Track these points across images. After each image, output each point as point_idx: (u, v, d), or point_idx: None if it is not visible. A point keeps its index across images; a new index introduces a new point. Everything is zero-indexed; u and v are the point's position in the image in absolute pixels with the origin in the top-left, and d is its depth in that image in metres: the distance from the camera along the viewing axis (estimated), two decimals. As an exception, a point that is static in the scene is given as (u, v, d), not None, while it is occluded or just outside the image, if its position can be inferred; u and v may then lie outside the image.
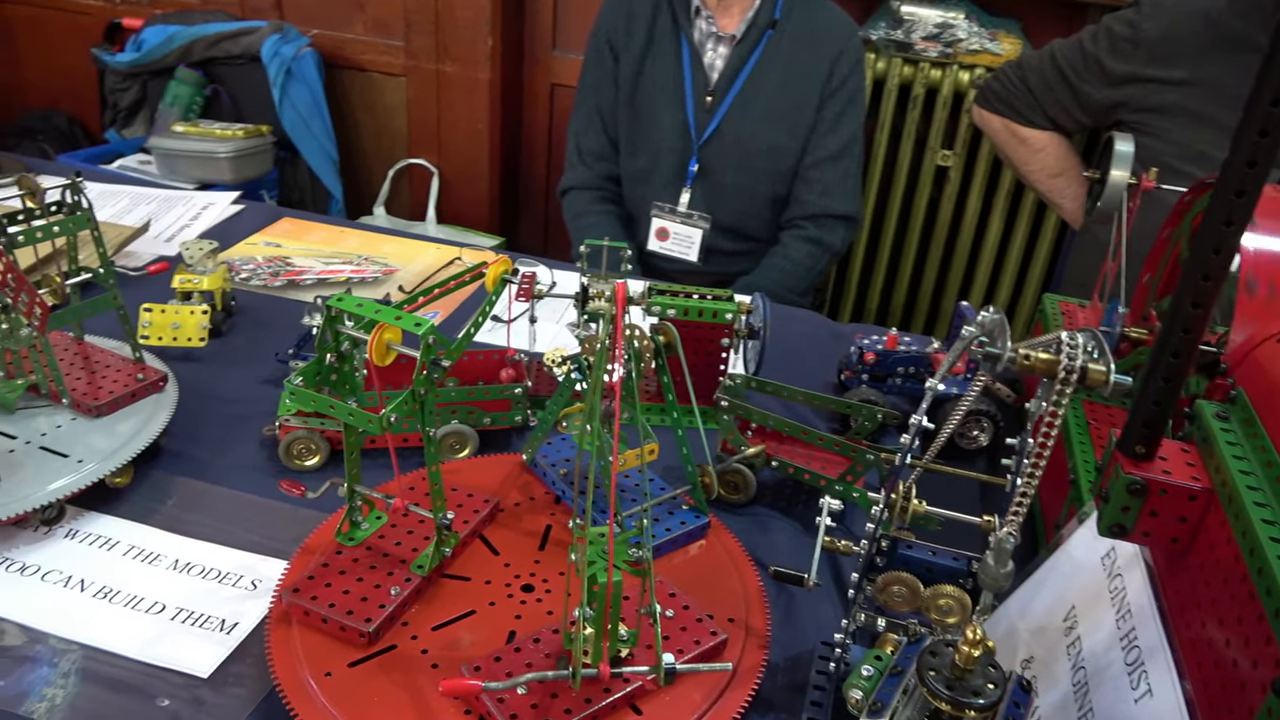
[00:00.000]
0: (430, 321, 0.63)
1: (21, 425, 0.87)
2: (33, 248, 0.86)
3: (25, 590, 0.74)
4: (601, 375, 0.58)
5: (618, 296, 0.55)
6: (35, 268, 1.05)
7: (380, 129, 2.61)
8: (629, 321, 0.91)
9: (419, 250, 1.41)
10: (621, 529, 0.76)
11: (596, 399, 0.58)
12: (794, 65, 1.65)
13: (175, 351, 1.05)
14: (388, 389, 0.90)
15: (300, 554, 0.75)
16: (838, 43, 1.65)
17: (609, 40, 1.72)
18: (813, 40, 1.66)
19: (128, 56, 2.44)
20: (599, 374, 0.58)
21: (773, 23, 1.64)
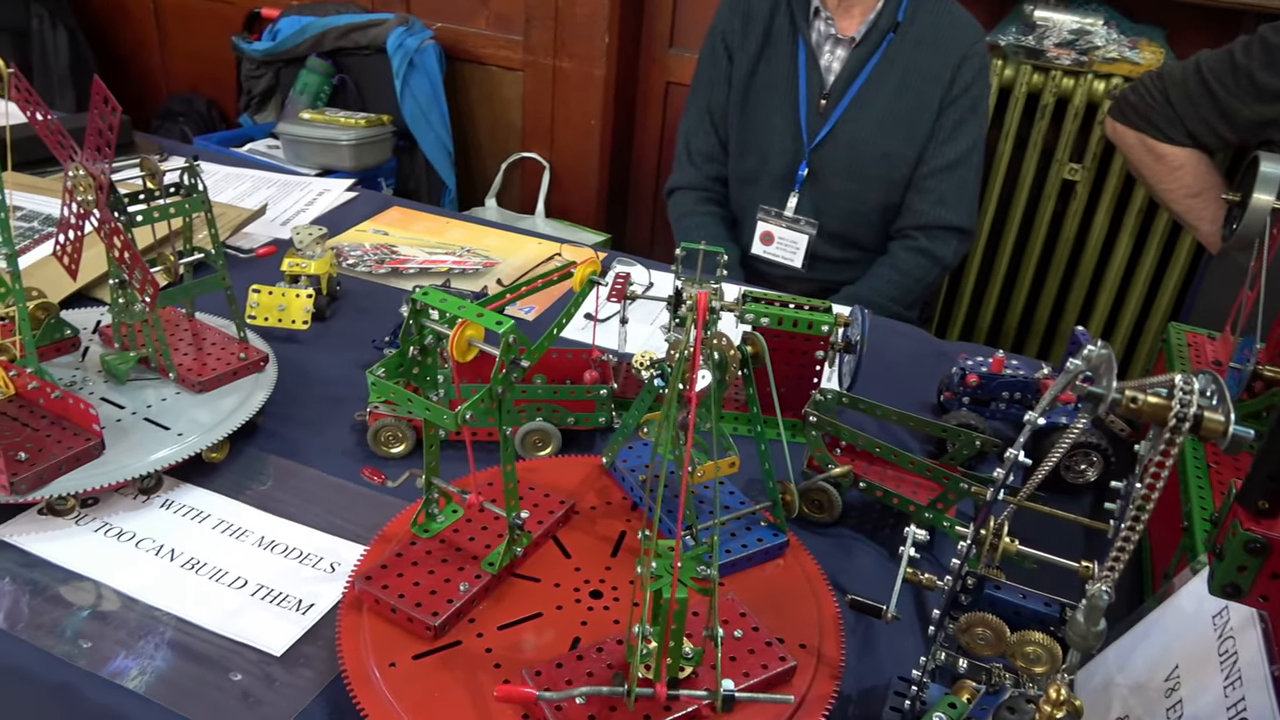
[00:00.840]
0: (511, 320, 0.63)
1: (130, 396, 0.91)
2: (151, 227, 0.89)
3: (121, 556, 0.77)
4: (679, 383, 0.56)
5: (699, 306, 0.53)
6: (154, 246, 1.10)
7: (496, 122, 2.66)
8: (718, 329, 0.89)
9: (520, 244, 1.42)
10: (695, 543, 0.75)
11: (673, 408, 0.56)
12: (914, 70, 1.59)
13: (279, 332, 1.08)
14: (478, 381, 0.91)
15: (377, 541, 0.76)
16: (962, 47, 1.59)
17: (725, 39, 1.69)
18: (936, 44, 1.60)
19: (264, 45, 2.55)
20: (676, 382, 0.56)
21: (895, 25, 1.59)
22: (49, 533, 0.79)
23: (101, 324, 1.02)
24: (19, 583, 0.74)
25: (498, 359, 0.63)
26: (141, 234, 0.93)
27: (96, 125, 0.79)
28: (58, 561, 0.76)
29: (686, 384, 0.57)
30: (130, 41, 3.13)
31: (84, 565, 0.76)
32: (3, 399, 0.85)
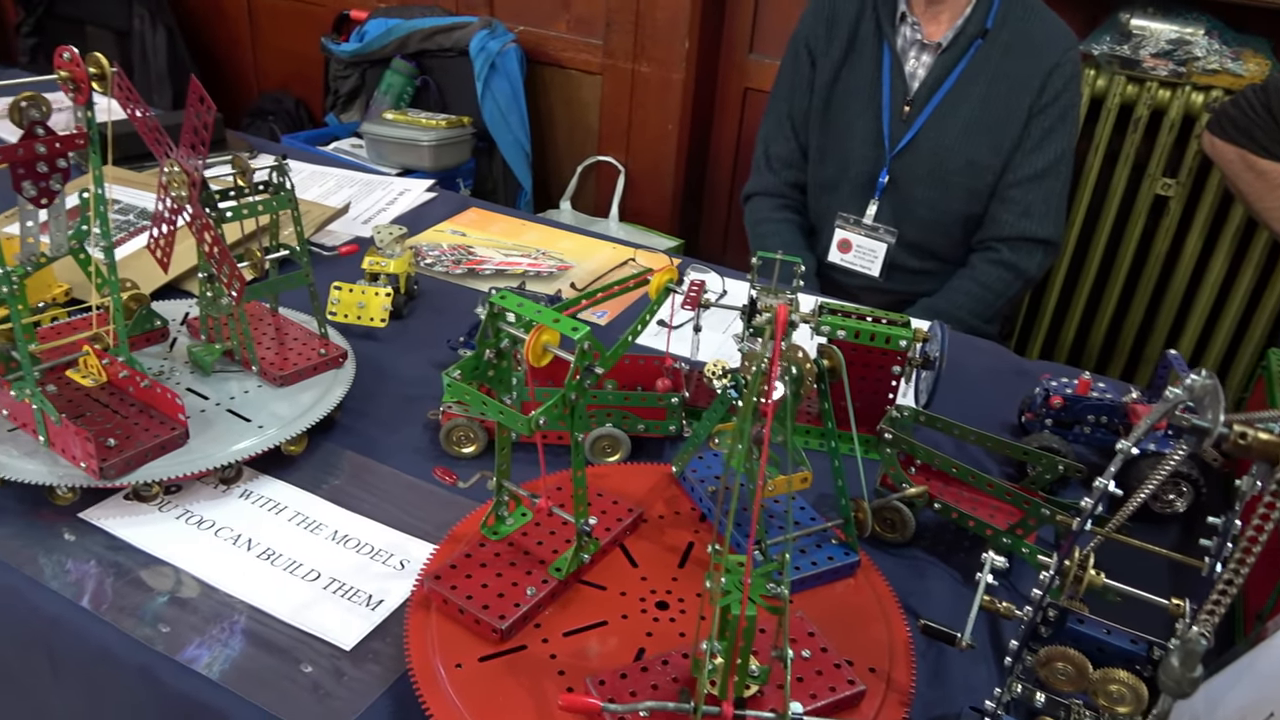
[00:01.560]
0: (586, 327, 0.63)
1: (215, 387, 0.93)
2: (240, 223, 0.92)
3: (201, 543, 0.79)
4: (755, 396, 0.55)
5: (778, 320, 0.52)
6: (240, 242, 1.13)
7: (573, 125, 2.67)
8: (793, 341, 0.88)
9: (595, 248, 1.43)
10: (764, 559, 0.73)
11: (748, 422, 0.55)
12: (1002, 77, 1.55)
13: (358, 329, 1.10)
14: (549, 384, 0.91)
15: (447, 541, 0.77)
16: (1053, 55, 1.54)
17: (808, 45, 1.68)
18: (1026, 51, 1.55)
19: (351, 46, 2.61)
20: (752, 395, 0.55)
21: (984, 32, 1.55)
22: (133, 517, 0.81)
23: (189, 316, 1.05)
24: (104, 565, 0.77)
25: (572, 365, 0.63)
26: (229, 229, 0.96)
27: (192, 123, 0.82)
28: (141, 546, 0.78)
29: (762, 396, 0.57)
30: (225, 41, 3.23)
31: (165, 551, 0.78)
32: (95, 386, 0.88)
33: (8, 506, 0.81)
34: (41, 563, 0.76)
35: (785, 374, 0.68)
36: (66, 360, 0.89)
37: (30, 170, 0.73)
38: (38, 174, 0.74)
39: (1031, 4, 1.57)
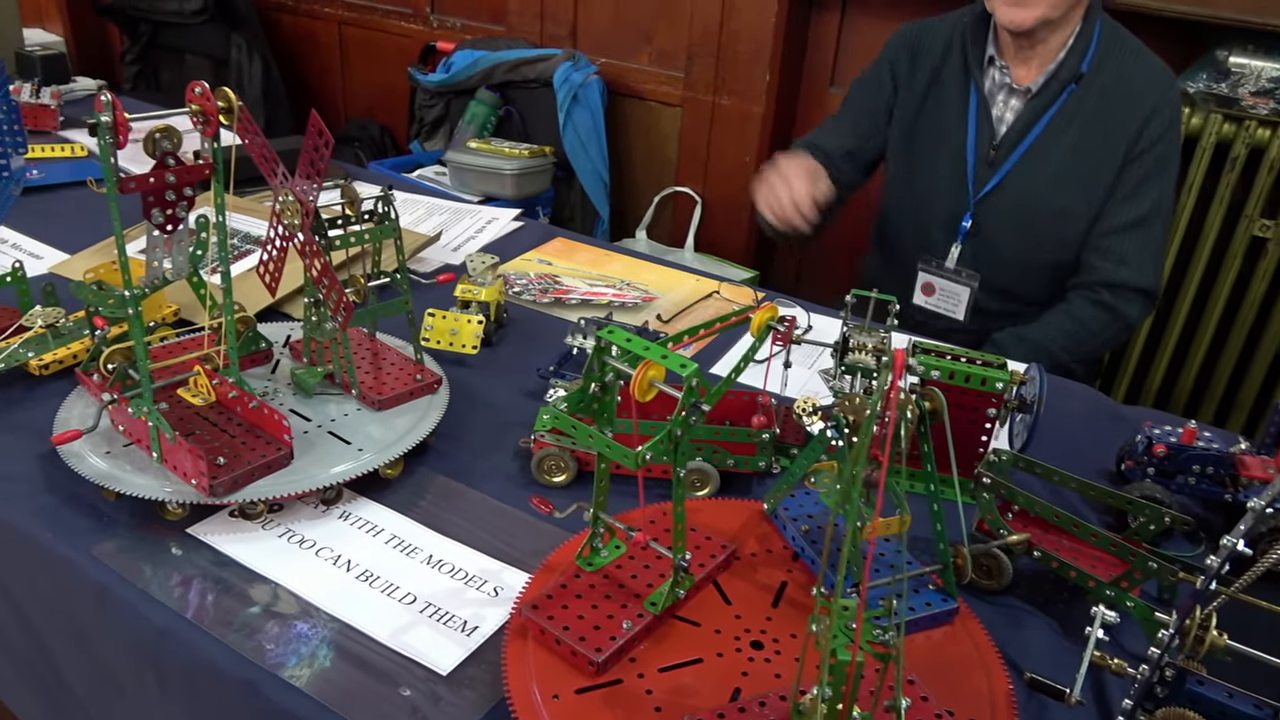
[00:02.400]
0: (695, 364, 0.63)
1: (316, 409, 0.96)
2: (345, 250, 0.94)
3: (301, 562, 0.81)
4: (867, 441, 0.54)
5: (896, 364, 0.52)
6: (341, 267, 1.17)
7: (652, 155, 2.70)
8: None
9: (678, 280, 1.43)
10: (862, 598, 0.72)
11: (859, 467, 0.55)
12: (1097, 123, 1.49)
13: (450, 356, 1.12)
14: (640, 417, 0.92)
15: (542, 570, 0.77)
16: (1152, 98, 1.48)
17: (892, 69, 1.65)
18: (1123, 95, 1.49)
19: (437, 76, 2.68)
20: (865, 441, 0.54)
21: (1078, 76, 1.49)
22: (238, 534, 0.84)
23: (291, 339, 1.08)
24: (210, 580, 0.79)
25: (680, 401, 0.63)
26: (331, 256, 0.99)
27: (310, 154, 0.85)
28: (245, 562, 0.81)
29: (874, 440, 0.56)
30: (316, 69, 3.34)
31: (269, 568, 0.80)
32: (204, 405, 0.91)
33: (119, 520, 0.84)
34: (150, 575, 0.79)
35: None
36: (178, 379, 0.93)
37: (160, 198, 0.76)
38: (166, 201, 0.77)
39: (1130, 45, 1.52)
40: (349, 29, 3.21)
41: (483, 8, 2.89)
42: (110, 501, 0.85)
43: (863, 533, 0.73)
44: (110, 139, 0.71)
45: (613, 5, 2.61)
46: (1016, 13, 1.44)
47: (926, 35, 1.63)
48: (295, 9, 3.28)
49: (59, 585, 0.82)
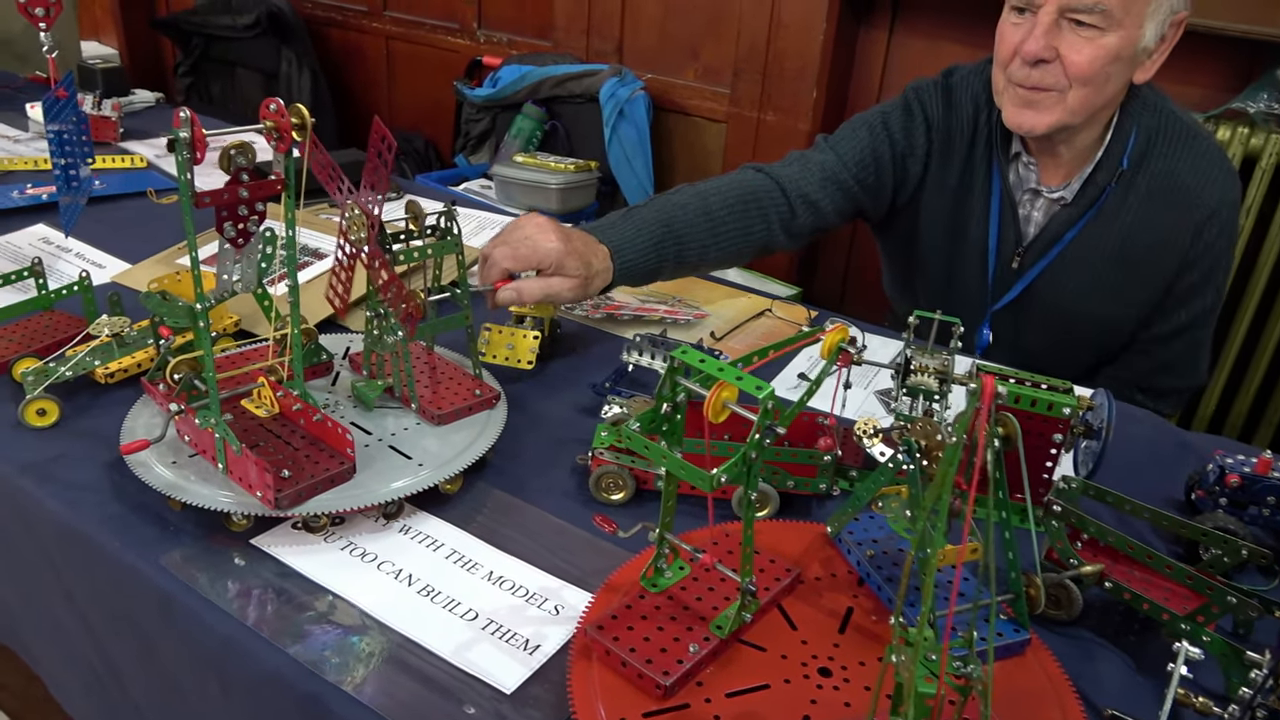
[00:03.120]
0: (770, 386, 0.62)
1: (376, 423, 0.96)
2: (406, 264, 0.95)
3: (363, 575, 0.82)
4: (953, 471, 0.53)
5: (985, 391, 0.51)
6: (403, 281, 1.17)
7: (695, 171, 2.70)
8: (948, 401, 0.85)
9: (729, 297, 1.43)
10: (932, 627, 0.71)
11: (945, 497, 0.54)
12: (1142, 229, 1.30)
13: (505, 371, 1.12)
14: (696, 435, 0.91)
15: (604, 590, 0.77)
16: (1208, 200, 1.28)
17: (905, 149, 1.40)
18: (1173, 198, 1.29)
19: (484, 91, 2.70)
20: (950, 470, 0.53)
21: (1118, 174, 1.29)
22: (301, 546, 0.84)
23: (350, 351, 1.09)
24: (274, 591, 0.79)
25: (756, 423, 0.62)
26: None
27: (374, 163, 0.85)
28: (309, 575, 0.81)
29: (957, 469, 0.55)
30: (362, 83, 3.39)
31: (332, 581, 0.80)
32: (267, 417, 0.92)
33: (185, 530, 0.85)
34: (215, 585, 0.79)
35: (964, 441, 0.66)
36: (242, 390, 0.93)
37: (233, 212, 0.77)
38: (239, 216, 0.78)
39: (1177, 130, 1.30)
40: (396, 43, 3.25)
41: (529, 23, 2.91)
42: (176, 511, 0.86)
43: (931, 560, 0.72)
44: (188, 154, 0.71)
45: (660, 22, 2.62)
46: (1025, 116, 1.25)
47: (955, 117, 1.39)
48: (344, 23, 3.33)
49: (125, 593, 0.83)
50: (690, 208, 1.27)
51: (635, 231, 1.20)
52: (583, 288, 1.12)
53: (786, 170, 1.38)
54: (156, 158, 1.77)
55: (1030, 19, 1.22)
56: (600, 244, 1.16)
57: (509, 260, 1.09)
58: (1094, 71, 1.20)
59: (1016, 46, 1.23)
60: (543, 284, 1.10)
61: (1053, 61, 1.21)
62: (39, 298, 1.09)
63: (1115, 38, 1.19)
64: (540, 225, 1.11)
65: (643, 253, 1.19)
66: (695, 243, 1.26)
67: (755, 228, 1.32)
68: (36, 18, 1.18)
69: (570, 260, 1.09)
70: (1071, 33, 1.19)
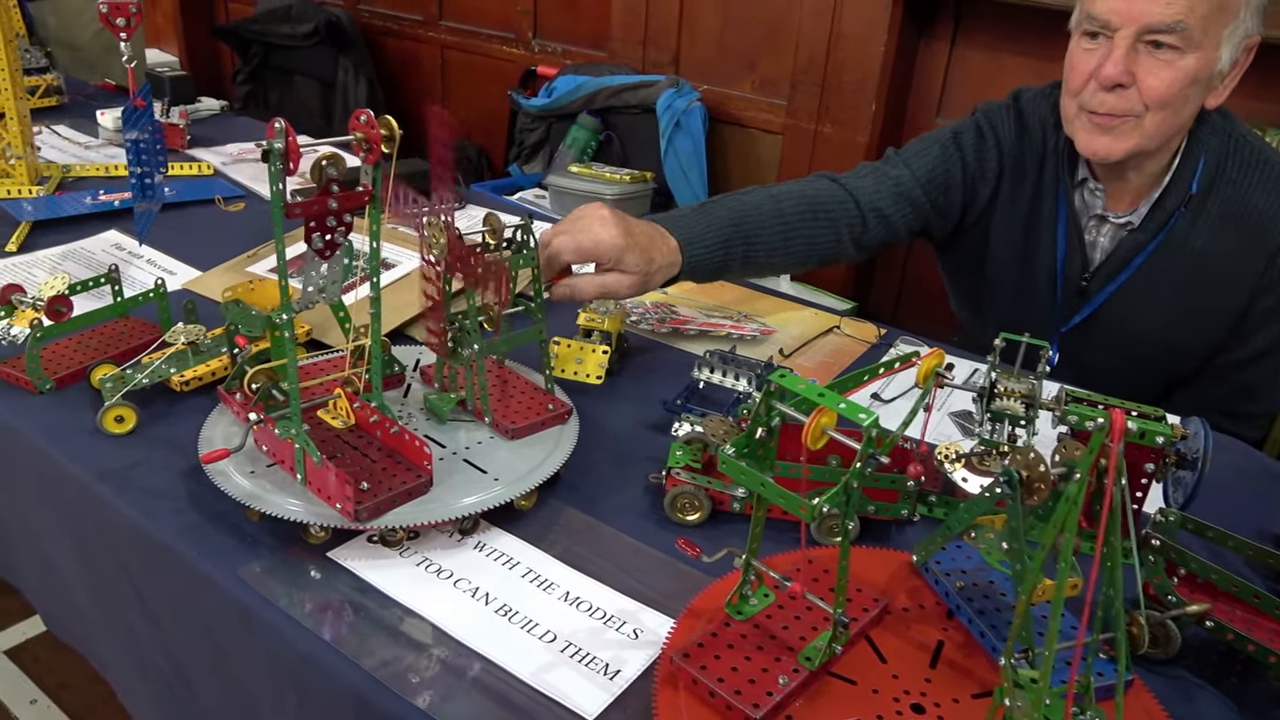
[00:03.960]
0: (875, 414, 0.60)
1: (449, 436, 0.96)
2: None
3: (440, 592, 0.81)
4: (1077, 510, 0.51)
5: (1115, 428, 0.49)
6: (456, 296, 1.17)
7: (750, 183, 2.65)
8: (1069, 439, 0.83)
9: (793, 312, 1.41)
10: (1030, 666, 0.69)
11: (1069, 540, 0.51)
12: (1213, 254, 1.27)
13: (573, 385, 1.11)
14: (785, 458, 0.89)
15: (687, 615, 0.75)
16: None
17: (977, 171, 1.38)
18: (1245, 223, 1.25)
19: (540, 101, 2.71)
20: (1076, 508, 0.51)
21: (1186, 199, 1.26)
22: (377, 561, 0.83)
23: (421, 363, 1.09)
24: (352, 606, 0.79)
25: (860, 451, 0.61)
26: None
27: (439, 154, 0.82)
28: (386, 590, 0.80)
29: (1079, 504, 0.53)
30: (417, 92, 3.42)
31: (409, 597, 0.80)
32: (343, 428, 0.92)
33: (262, 540, 0.85)
34: (293, 599, 0.79)
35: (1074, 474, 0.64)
36: (318, 401, 0.93)
37: (321, 224, 0.77)
38: (327, 227, 0.78)
39: (1247, 152, 1.27)
40: (451, 52, 3.27)
41: (584, 33, 2.92)
42: (253, 521, 0.86)
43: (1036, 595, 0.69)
44: (281, 165, 0.71)
45: (717, 33, 2.61)
46: (1100, 142, 1.22)
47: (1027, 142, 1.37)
48: (400, 33, 3.36)
49: (202, 604, 0.83)
50: (763, 209, 1.25)
51: (706, 227, 1.18)
52: (641, 284, 1.11)
53: (861, 182, 1.36)
54: (223, 165, 1.79)
55: (1105, 43, 1.19)
56: (669, 236, 1.14)
57: (569, 252, 1.07)
58: (1172, 95, 1.17)
59: (1091, 72, 1.21)
60: (599, 282, 1.09)
61: (1130, 86, 1.18)
62: (116, 305, 1.10)
63: (1193, 60, 1.16)
64: (603, 218, 1.09)
65: (711, 250, 1.18)
66: (764, 245, 1.24)
67: (825, 236, 1.30)
68: (118, 28, 1.19)
69: (630, 255, 1.08)
70: (1149, 56, 1.17)
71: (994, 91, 2.32)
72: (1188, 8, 1.13)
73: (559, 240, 1.07)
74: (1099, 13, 1.18)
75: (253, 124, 2.12)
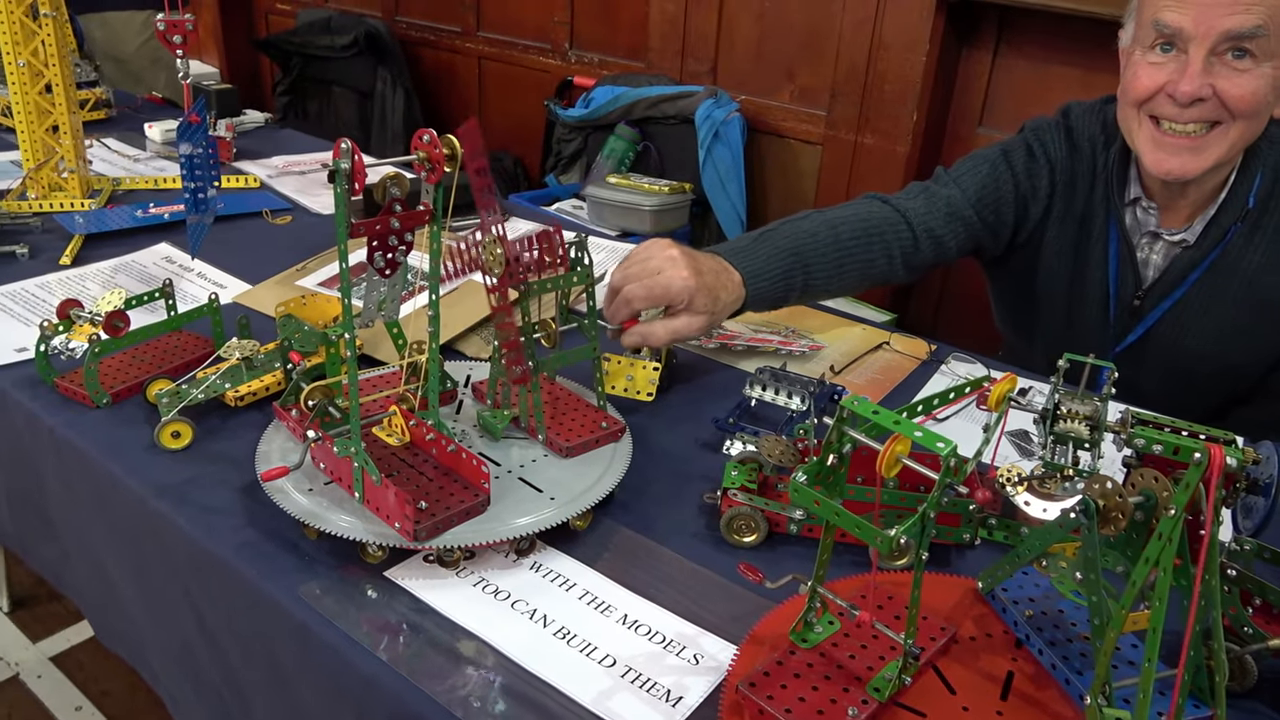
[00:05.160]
0: (954, 442, 0.59)
1: (503, 454, 0.95)
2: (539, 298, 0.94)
3: (498, 614, 0.80)
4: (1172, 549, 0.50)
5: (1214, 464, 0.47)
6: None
7: (789, 194, 2.67)
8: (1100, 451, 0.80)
9: (842, 328, 1.39)
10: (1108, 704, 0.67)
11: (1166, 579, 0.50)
12: (1271, 271, 1.24)
13: (623, 402, 1.10)
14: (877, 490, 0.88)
15: (749, 642, 0.74)
16: None
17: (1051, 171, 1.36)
18: None
19: (577, 112, 2.71)
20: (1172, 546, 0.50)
21: (1243, 213, 1.24)
22: (435, 580, 0.83)
23: (471, 379, 1.09)
24: (410, 627, 0.78)
25: (938, 481, 0.59)
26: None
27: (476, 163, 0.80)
28: (445, 612, 0.80)
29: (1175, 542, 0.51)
30: (454, 102, 3.43)
31: (468, 620, 0.79)
32: (398, 446, 0.92)
33: (319, 559, 0.85)
34: (353, 619, 0.78)
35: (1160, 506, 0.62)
36: (374, 419, 0.93)
37: (383, 243, 0.77)
38: (389, 246, 0.77)
39: None
40: (488, 63, 3.29)
41: (621, 44, 2.92)
42: (309, 539, 0.86)
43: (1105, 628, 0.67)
44: (347, 185, 0.71)
45: (756, 43, 2.60)
46: (1177, 161, 1.18)
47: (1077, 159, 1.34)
48: (437, 44, 3.38)
49: (261, 622, 0.83)
50: (820, 236, 1.24)
51: (767, 259, 1.17)
52: (708, 324, 1.10)
53: (911, 203, 1.34)
54: (268, 178, 1.80)
55: (1178, 56, 1.16)
56: (732, 270, 1.13)
57: (641, 300, 1.06)
58: (1258, 103, 1.14)
59: (1162, 86, 1.17)
60: (670, 329, 1.07)
61: (1209, 99, 1.14)
62: (171, 319, 1.11)
63: (1270, 67, 1.13)
64: (673, 258, 1.07)
65: (773, 281, 1.17)
66: (822, 273, 1.23)
67: (878, 260, 1.29)
68: (174, 45, 1.21)
69: (700, 297, 1.07)
70: (1225, 66, 1.13)
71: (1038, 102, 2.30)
72: (1268, 13, 1.09)
73: (630, 289, 1.06)
74: (1170, 21, 1.14)
75: (296, 136, 2.13)
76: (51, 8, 1.45)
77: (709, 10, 2.64)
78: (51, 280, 1.35)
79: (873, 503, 0.86)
